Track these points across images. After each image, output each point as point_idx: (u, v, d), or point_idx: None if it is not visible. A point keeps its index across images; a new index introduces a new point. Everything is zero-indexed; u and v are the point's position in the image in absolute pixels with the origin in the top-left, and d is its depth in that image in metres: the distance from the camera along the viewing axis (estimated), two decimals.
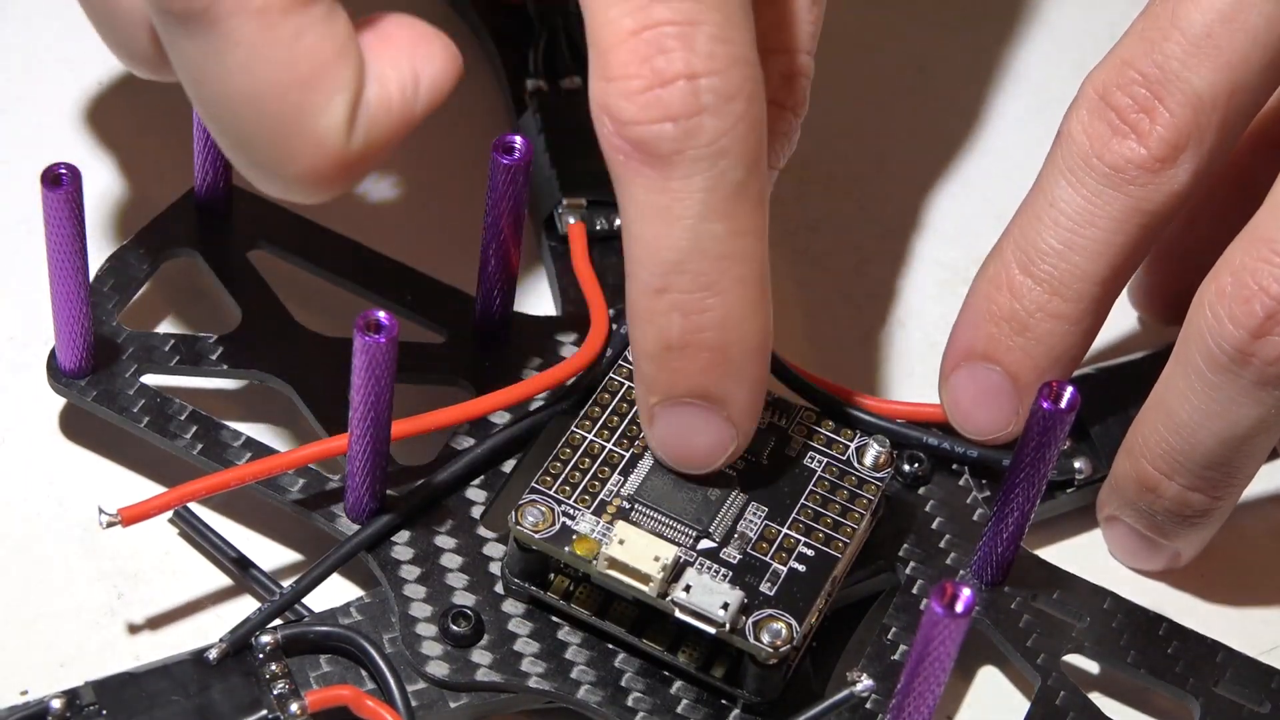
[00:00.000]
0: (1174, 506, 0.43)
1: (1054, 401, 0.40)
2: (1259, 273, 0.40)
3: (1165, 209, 0.42)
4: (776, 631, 0.40)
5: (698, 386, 0.40)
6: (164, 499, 0.42)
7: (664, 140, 0.37)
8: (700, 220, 0.38)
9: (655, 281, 0.39)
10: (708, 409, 0.40)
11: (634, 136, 0.37)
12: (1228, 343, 0.41)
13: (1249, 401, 0.41)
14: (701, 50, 0.37)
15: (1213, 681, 0.43)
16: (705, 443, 0.41)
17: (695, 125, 0.37)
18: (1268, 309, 0.40)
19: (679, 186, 0.38)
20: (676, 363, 0.39)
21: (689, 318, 0.39)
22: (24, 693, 0.42)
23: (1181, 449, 0.42)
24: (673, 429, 0.40)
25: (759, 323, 0.40)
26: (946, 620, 0.35)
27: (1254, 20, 0.41)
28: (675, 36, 0.37)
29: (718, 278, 0.38)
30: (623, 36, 0.37)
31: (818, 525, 0.42)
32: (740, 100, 0.38)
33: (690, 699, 0.41)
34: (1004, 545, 0.43)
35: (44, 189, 0.41)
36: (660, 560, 0.40)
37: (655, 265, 0.38)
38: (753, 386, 0.40)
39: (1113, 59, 0.43)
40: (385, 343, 0.39)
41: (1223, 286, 0.41)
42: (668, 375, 0.40)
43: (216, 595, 0.44)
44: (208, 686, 0.40)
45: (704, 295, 0.39)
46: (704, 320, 0.39)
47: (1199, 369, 0.41)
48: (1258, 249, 0.41)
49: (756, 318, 0.39)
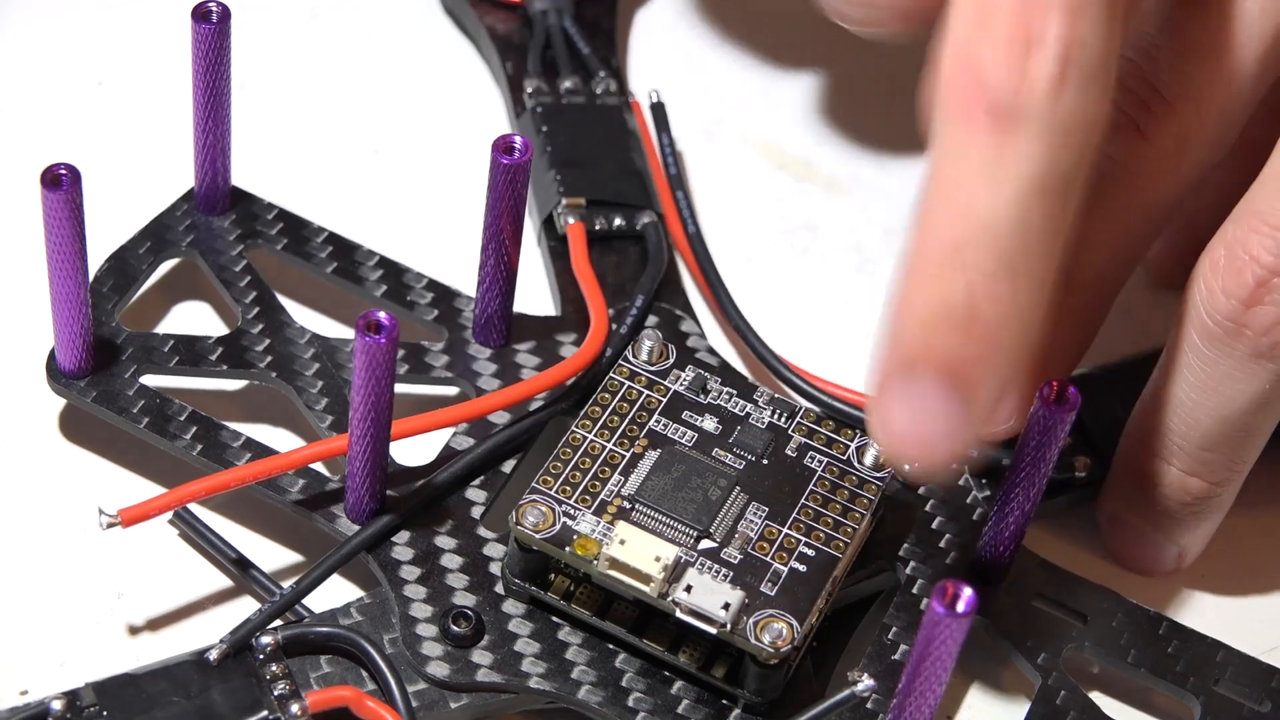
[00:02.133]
0: (1173, 493, 0.43)
1: (1054, 400, 0.40)
2: (1250, 243, 0.41)
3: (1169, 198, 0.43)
4: (777, 631, 0.40)
5: (955, 365, 0.36)
6: (164, 500, 0.42)
7: (1020, 99, 0.36)
8: (1029, 193, 0.36)
9: (956, 235, 0.36)
10: (952, 394, 0.36)
11: (991, 84, 0.36)
12: (1220, 314, 0.41)
13: (1244, 375, 0.41)
14: (1081, 30, 0.36)
15: (1213, 680, 0.43)
16: (937, 429, 0.37)
17: (1055, 94, 0.36)
18: (1259, 277, 0.40)
19: (1017, 149, 0.36)
20: (946, 332, 0.36)
21: (981, 288, 0.36)
22: (24, 692, 0.42)
23: (1178, 430, 0.42)
24: (906, 406, 0.37)
25: (1038, 329, 0.37)
26: (948, 620, 0.35)
27: (1250, 10, 0.41)
28: (1059, 8, 0.36)
29: (1022, 259, 0.36)
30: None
31: (818, 525, 0.42)
32: (1096, 90, 0.36)
33: (691, 699, 0.41)
34: (1004, 545, 0.43)
35: (44, 189, 0.41)
36: (661, 560, 0.40)
37: (963, 220, 0.36)
38: (1005, 389, 0.37)
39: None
40: (385, 343, 0.39)
41: (1215, 259, 0.41)
42: (931, 341, 0.36)
43: (216, 596, 0.44)
44: (208, 687, 0.40)
45: (1000, 271, 0.36)
46: (995, 297, 0.36)
47: (1194, 343, 0.41)
48: (1250, 221, 0.41)
49: (1035, 318, 0.37)
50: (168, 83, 0.52)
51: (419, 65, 0.54)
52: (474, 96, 0.54)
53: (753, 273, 0.51)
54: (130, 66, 0.53)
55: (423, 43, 0.55)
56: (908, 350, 0.36)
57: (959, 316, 0.36)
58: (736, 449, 0.43)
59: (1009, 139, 0.36)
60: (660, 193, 0.50)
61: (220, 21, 0.44)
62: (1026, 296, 0.36)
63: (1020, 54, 0.36)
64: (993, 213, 0.36)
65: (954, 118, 0.36)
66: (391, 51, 0.54)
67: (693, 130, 0.53)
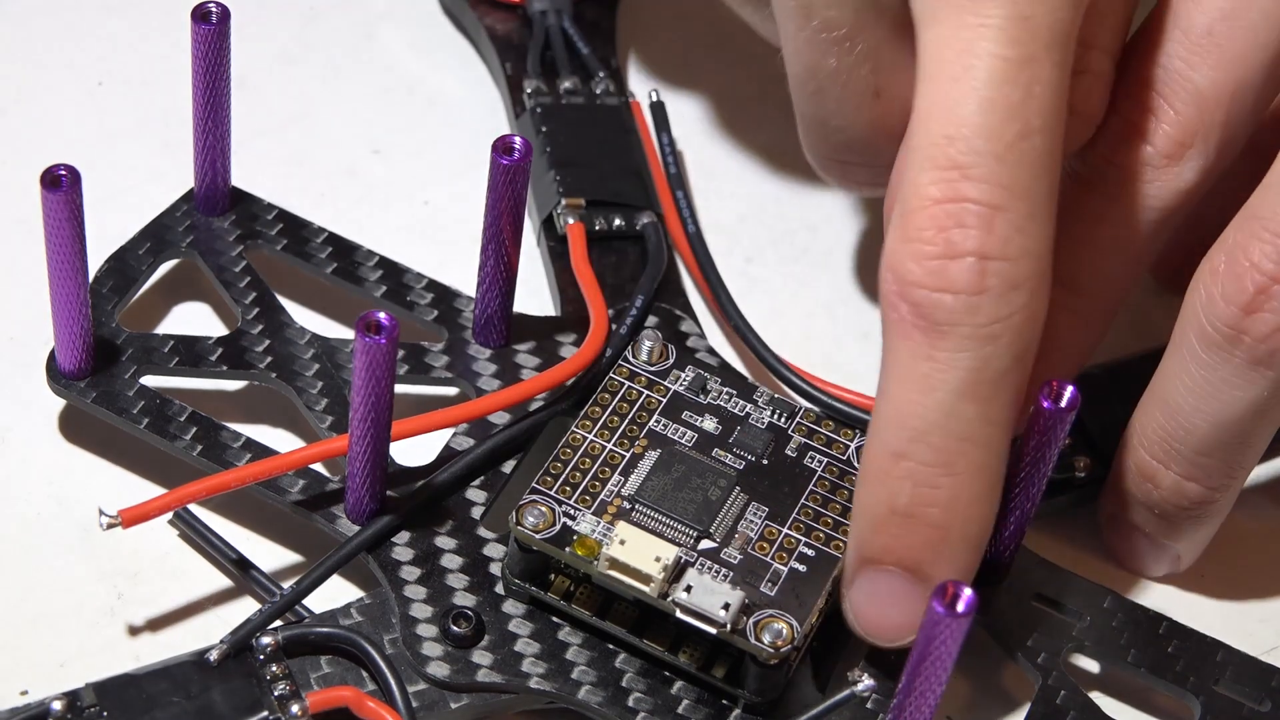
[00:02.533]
0: (1171, 497, 0.43)
1: (1054, 400, 0.40)
2: (1251, 250, 0.41)
3: (1173, 205, 0.42)
4: (778, 632, 0.40)
5: (910, 559, 0.39)
6: (164, 500, 0.42)
7: (941, 309, 0.38)
8: (956, 397, 0.38)
9: (896, 444, 0.39)
10: (912, 583, 0.40)
11: (914, 298, 0.38)
12: (1220, 320, 0.41)
13: (1242, 383, 0.41)
14: (998, 234, 0.38)
15: (1213, 680, 0.43)
16: (901, 615, 0.40)
17: (974, 304, 0.38)
18: (1258, 284, 0.40)
19: (944, 359, 0.38)
20: (896, 530, 0.39)
21: (919, 490, 0.39)
22: (24, 692, 0.42)
23: (1177, 434, 0.42)
24: (872, 594, 0.40)
25: (985, 513, 0.40)
26: (948, 620, 0.35)
27: (1254, 17, 0.41)
28: (976, 215, 0.38)
29: (957, 458, 0.39)
30: (926, 202, 0.38)
31: (818, 525, 0.42)
32: (1023, 292, 0.38)
33: (691, 699, 0.41)
34: (1004, 544, 0.43)
35: (44, 190, 0.41)
36: (661, 560, 0.40)
37: (900, 429, 0.39)
38: (962, 575, 0.40)
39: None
40: (385, 343, 0.39)
41: (1216, 265, 0.41)
42: (883, 540, 0.39)
43: (217, 596, 0.44)
44: (208, 688, 0.40)
45: (940, 472, 0.39)
46: (934, 496, 0.39)
47: (1193, 349, 0.41)
48: (1251, 227, 0.41)
49: (984, 508, 0.39)
50: (168, 83, 0.52)
51: (419, 65, 0.54)
52: (474, 96, 0.54)
53: (753, 273, 0.51)
54: (130, 66, 0.53)
55: (422, 43, 0.55)
56: (865, 549, 0.40)
57: (904, 515, 0.39)
58: (736, 449, 0.43)
59: (936, 347, 0.38)
60: (660, 193, 0.50)
61: (220, 22, 0.44)
62: (969, 490, 0.39)
63: (938, 266, 0.38)
64: (924, 420, 0.38)
65: (889, 327, 0.39)
66: (391, 51, 0.54)
67: (693, 130, 0.53)
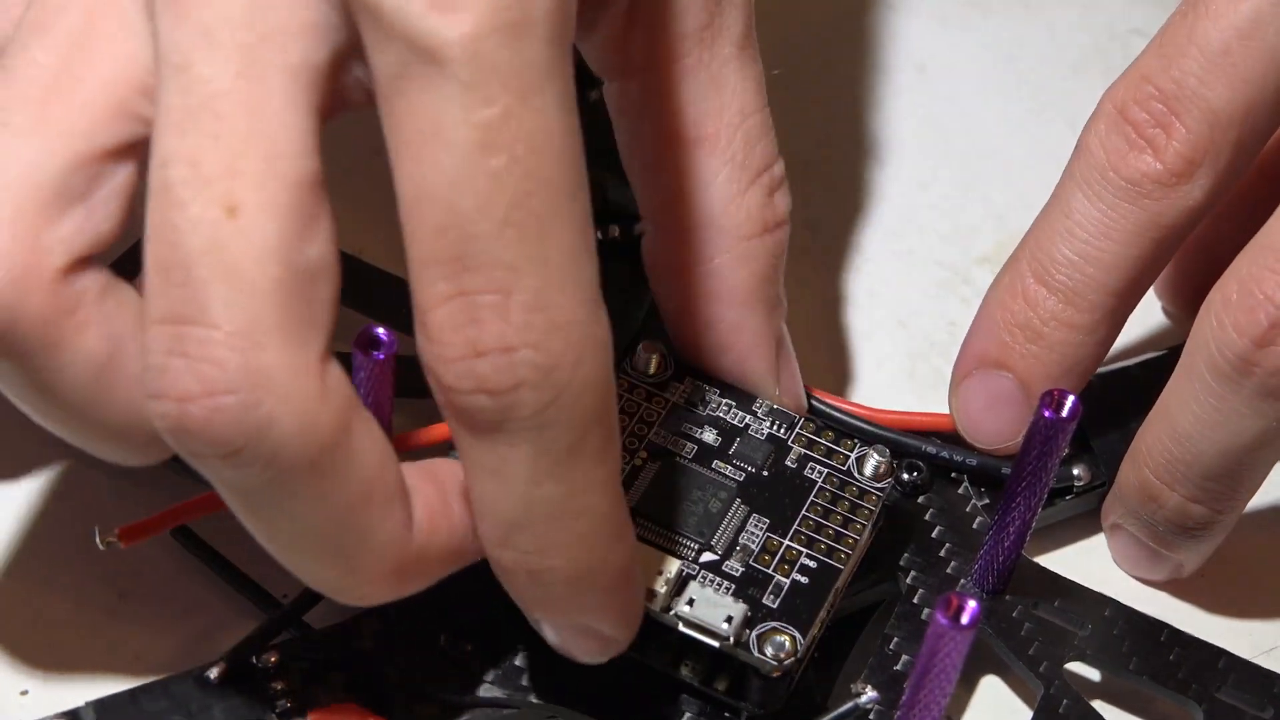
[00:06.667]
0: (1175, 517, 0.43)
1: (1055, 410, 0.40)
2: (1265, 281, 0.40)
3: (1180, 223, 0.42)
4: (780, 644, 0.40)
5: (565, 620, 0.38)
6: (163, 517, 0.41)
7: (482, 412, 0.35)
8: (531, 485, 0.35)
9: (496, 536, 0.37)
10: (585, 631, 0.38)
11: (455, 405, 0.35)
12: (1231, 351, 0.41)
13: (1250, 413, 0.41)
14: (516, 321, 0.34)
15: (1215, 687, 0.43)
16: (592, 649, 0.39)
17: (513, 400, 0.35)
18: (1272, 318, 0.40)
19: (504, 453, 0.35)
20: (541, 603, 0.38)
21: (534, 574, 0.37)
22: (24, 693, 0.42)
23: (1183, 459, 0.42)
24: (564, 638, 0.39)
25: (614, 558, 0.37)
26: (952, 632, 0.35)
27: (1271, 38, 0.41)
28: (488, 306, 0.34)
29: (556, 538, 0.36)
30: (438, 300, 0.34)
31: (819, 537, 0.42)
32: (563, 369, 0.35)
33: (693, 712, 0.41)
34: (1005, 553, 0.43)
35: None
36: (663, 574, 0.40)
37: (494, 522, 0.36)
38: (622, 603, 0.38)
39: (1131, 74, 0.43)
40: (384, 359, 0.39)
41: (1228, 295, 0.41)
42: (537, 608, 0.38)
43: (217, 613, 0.43)
44: (209, 706, 0.40)
45: (543, 556, 0.36)
46: (550, 577, 0.37)
47: (1202, 377, 0.41)
48: (1265, 258, 0.41)
49: (610, 555, 0.37)
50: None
51: None
52: None
53: None
54: None
55: None
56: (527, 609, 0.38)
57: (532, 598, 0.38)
58: (737, 461, 0.43)
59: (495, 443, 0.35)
60: None
61: None
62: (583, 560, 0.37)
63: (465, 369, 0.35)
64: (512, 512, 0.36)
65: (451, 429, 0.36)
66: None
67: None
